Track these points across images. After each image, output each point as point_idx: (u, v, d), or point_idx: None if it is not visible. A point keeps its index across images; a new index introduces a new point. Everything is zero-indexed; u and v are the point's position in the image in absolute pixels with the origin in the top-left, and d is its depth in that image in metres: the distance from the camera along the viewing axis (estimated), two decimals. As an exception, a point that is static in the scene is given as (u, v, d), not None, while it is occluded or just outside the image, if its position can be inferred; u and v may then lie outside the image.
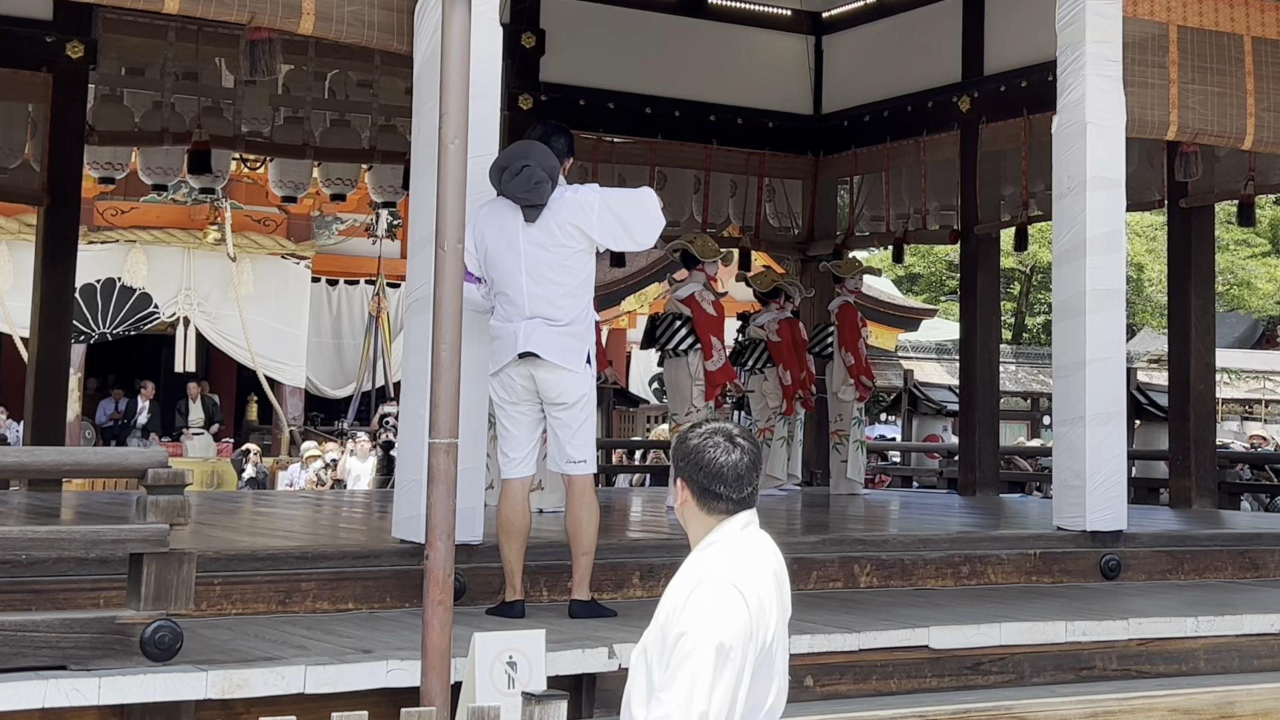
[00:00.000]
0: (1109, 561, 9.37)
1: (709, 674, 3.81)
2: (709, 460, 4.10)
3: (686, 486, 4.13)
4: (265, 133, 13.77)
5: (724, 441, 4.12)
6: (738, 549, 4.05)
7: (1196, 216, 13.76)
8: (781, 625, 4.07)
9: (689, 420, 11.73)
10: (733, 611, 3.88)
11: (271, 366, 24.51)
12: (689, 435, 4.18)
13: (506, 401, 7.36)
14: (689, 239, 12.36)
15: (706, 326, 11.75)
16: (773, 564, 4.09)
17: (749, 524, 4.14)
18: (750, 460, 4.13)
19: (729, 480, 4.09)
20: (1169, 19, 10.08)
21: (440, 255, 6.23)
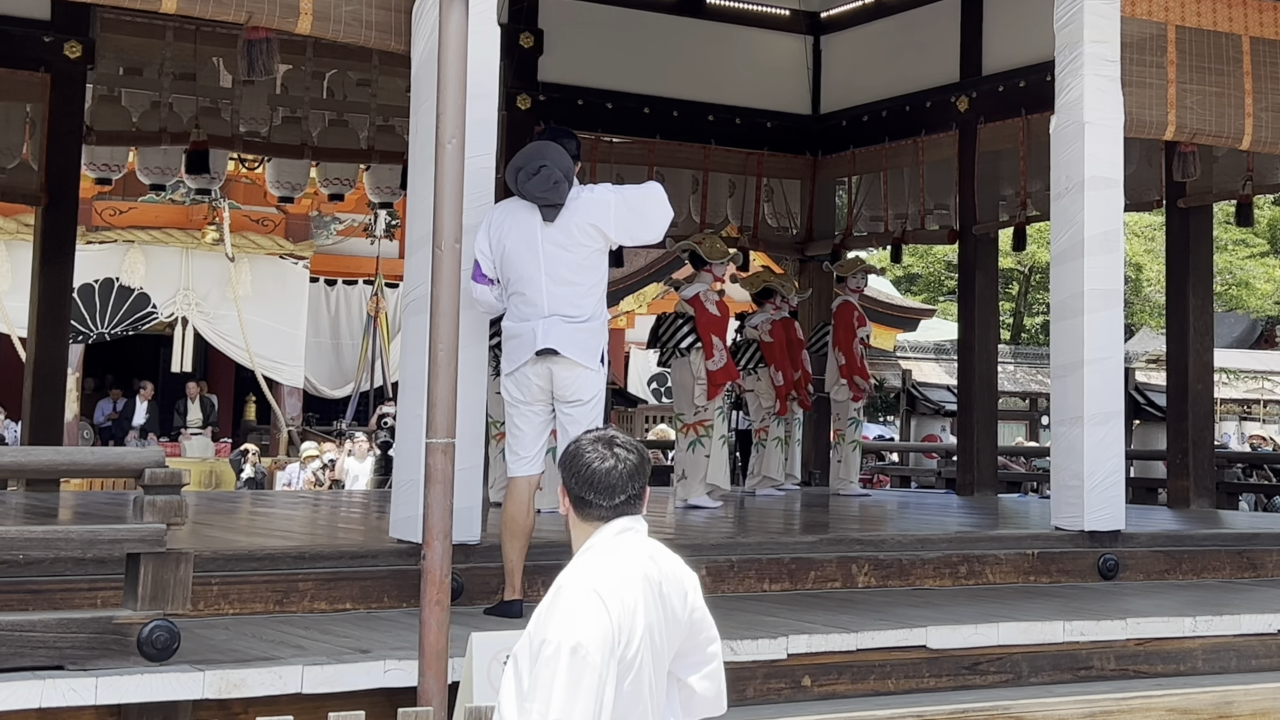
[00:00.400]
0: (1107, 561, 9.37)
1: (565, 678, 3.78)
2: (582, 467, 4.08)
3: (566, 493, 4.13)
4: (263, 133, 13.78)
5: (602, 449, 4.10)
6: (608, 555, 4.02)
7: (1195, 216, 13.76)
8: (663, 635, 4.00)
9: (696, 419, 11.77)
10: (593, 616, 3.85)
11: (270, 366, 24.50)
12: (576, 442, 4.17)
13: (520, 401, 7.38)
14: (697, 240, 12.41)
15: (709, 326, 11.80)
16: (649, 571, 4.02)
17: (625, 530, 4.08)
18: (628, 468, 4.09)
19: (599, 488, 4.06)
20: (1167, 19, 10.08)
21: (438, 255, 6.23)
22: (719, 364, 11.76)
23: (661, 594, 4.01)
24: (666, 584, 4.03)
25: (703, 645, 4.16)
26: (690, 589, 4.12)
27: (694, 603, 4.12)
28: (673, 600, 4.04)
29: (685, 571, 4.15)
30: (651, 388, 30.61)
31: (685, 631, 4.09)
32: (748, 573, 8.29)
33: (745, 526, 10.26)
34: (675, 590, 4.06)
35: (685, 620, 4.07)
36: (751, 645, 6.66)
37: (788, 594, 8.29)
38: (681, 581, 4.10)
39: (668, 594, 4.03)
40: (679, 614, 4.05)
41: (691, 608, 4.10)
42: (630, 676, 3.89)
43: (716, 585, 8.15)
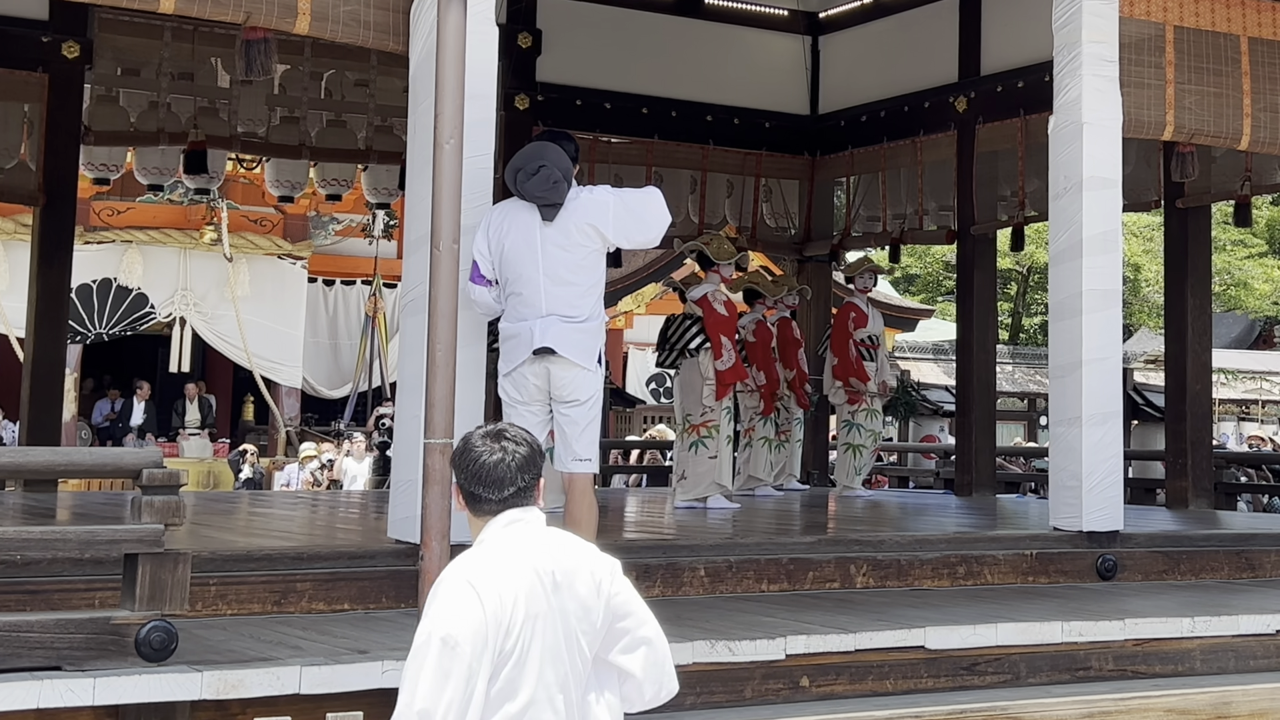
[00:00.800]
0: (1105, 562, 9.36)
1: (434, 669, 3.80)
2: (470, 461, 4.09)
3: (458, 490, 4.14)
4: (261, 133, 13.77)
5: (491, 443, 4.11)
6: (493, 547, 4.02)
7: (1193, 217, 13.76)
8: (564, 623, 3.99)
9: (703, 420, 11.78)
10: (465, 607, 3.85)
11: (268, 367, 24.50)
12: (465, 437, 4.18)
13: (518, 401, 7.38)
14: (704, 241, 12.42)
15: (717, 326, 11.82)
16: (540, 562, 4.00)
17: (514, 522, 4.08)
18: (518, 461, 4.10)
19: (487, 481, 4.07)
20: (1165, 19, 10.08)
21: (436, 255, 6.23)
22: (728, 364, 11.78)
23: (555, 583, 3.98)
24: (563, 573, 4.00)
25: (631, 628, 4.15)
26: (604, 576, 4.10)
27: (613, 588, 4.11)
28: (577, 588, 4.02)
29: (596, 559, 4.12)
30: (650, 388, 30.62)
31: (603, 617, 4.08)
32: (746, 573, 8.29)
33: (743, 527, 10.25)
34: (579, 579, 4.04)
35: (600, 606, 4.06)
36: (749, 646, 6.66)
37: (786, 594, 8.28)
38: (589, 570, 4.07)
39: (565, 583, 4.00)
40: (588, 601, 4.04)
41: (610, 594, 4.09)
42: (510, 666, 3.87)
43: (714, 586, 8.16)
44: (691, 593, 8.08)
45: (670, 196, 14.92)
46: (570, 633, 4.00)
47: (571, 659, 4.00)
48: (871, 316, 14.06)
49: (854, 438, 13.85)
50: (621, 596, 4.14)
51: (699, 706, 6.52)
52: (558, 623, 3.97)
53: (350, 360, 25.55)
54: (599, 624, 4.07)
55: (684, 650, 6.47)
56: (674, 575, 8.08)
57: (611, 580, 4.12)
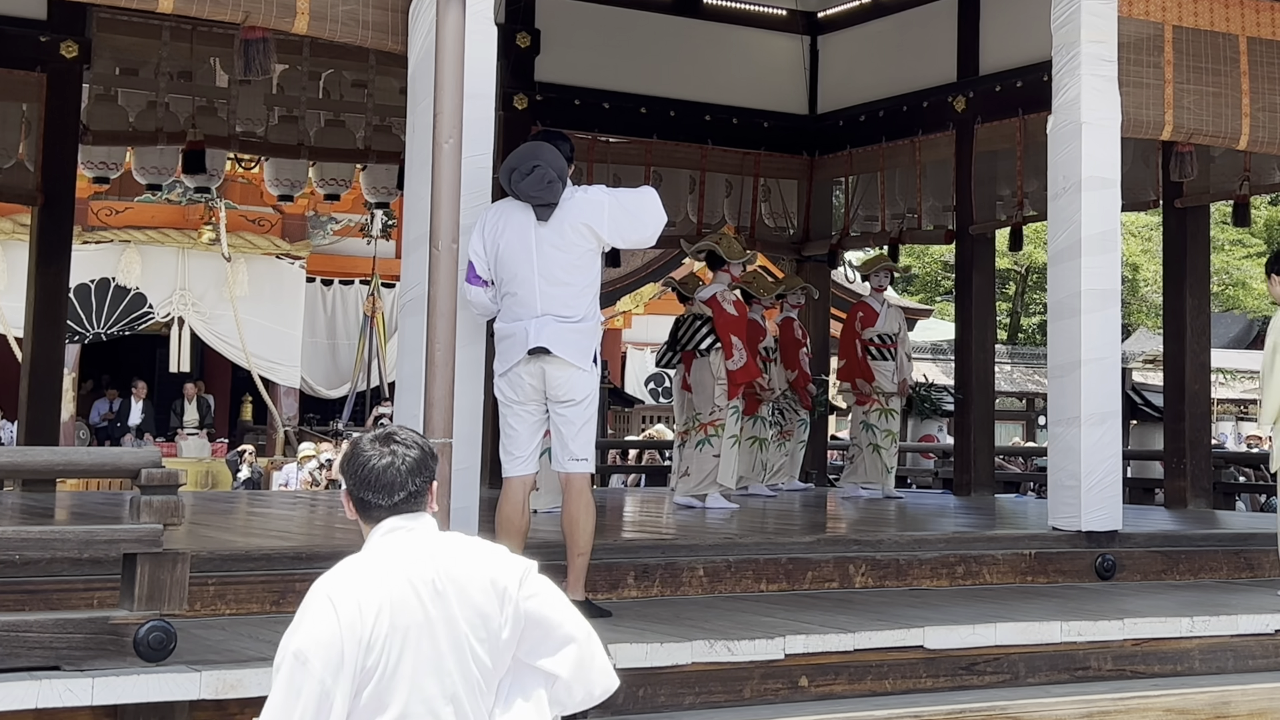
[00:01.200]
0: (1104, 562, 9.36)
1: (285, 686, 3.71)
2: (359, 466, 3.97)
3: (348, 496, 4.02)
4: (260, 132, 13.77)
5: (380, 447, 3.98)
6: (366, 557, 3.90)
7: (1192, 216, 13.75)
8: (453, 631, 3.85)
9: (711, 419, 11.79)
10: (318, 621, 3.75)
11: (266, 367, 24.50)
12: (354, 442, 4.06)
13: (514, 401, 7.36)
14: (715, 240, 12.40)
15: (727, 326, 11.84)
16: (418, 571, 3.86)
17: (394, 530, 3.95)
18: (408, 465, 3.96)
19: (376, 487, 3.94)
20: (1164, 19, 10.08)
21: (435, 255, 6.23)
22: (739, 364, 11.81)
23: (437, 591, 3.84)
24: (449, 580, 3.86)
25: (552, 630, 4.01)
26: (511, 581, 3.94)
27: (524, 592, 3.95)
28: (470, 595, 3.87)
29: (500, 565, 3.97)
30: (648, 388, 30.62)
31: (511, 624, 3.93)
32: (745, 573, 8.29)
33: (742, 527, 10.25)
34: (473, 585, 3.89)
35: (503, 613, 3.91)
36: (749, 646, 6.66)
37: (785, 594, 8.28)
38: (489, 576, 3.92)
39: (453, 590, 3.85)
40: (485, 608, 3.89)
41: (520, 599, 3.94)
42: (375, 680, 3.74)
43: (713, 585, 8.16)
44: (690, 592, 8.08)
45: (669, 196, 14.98)
46: (460, 642, 3.85)
47: (464, 669, 3.86)
48: (884, 315, 13.84)
49: (871, 438, 13.68)
50: (538, 599, 4.00)
51: (698, 706, 6.52)
52: (440, 632, 3.82)
53: (348, 360, 25.55)
54: (503, 631, 3.92)
55: (683, 650, 6.48)
56: (673, 575, 8.07)
57: (521, 584, 3.97)
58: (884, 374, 13.67)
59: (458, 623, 3.84)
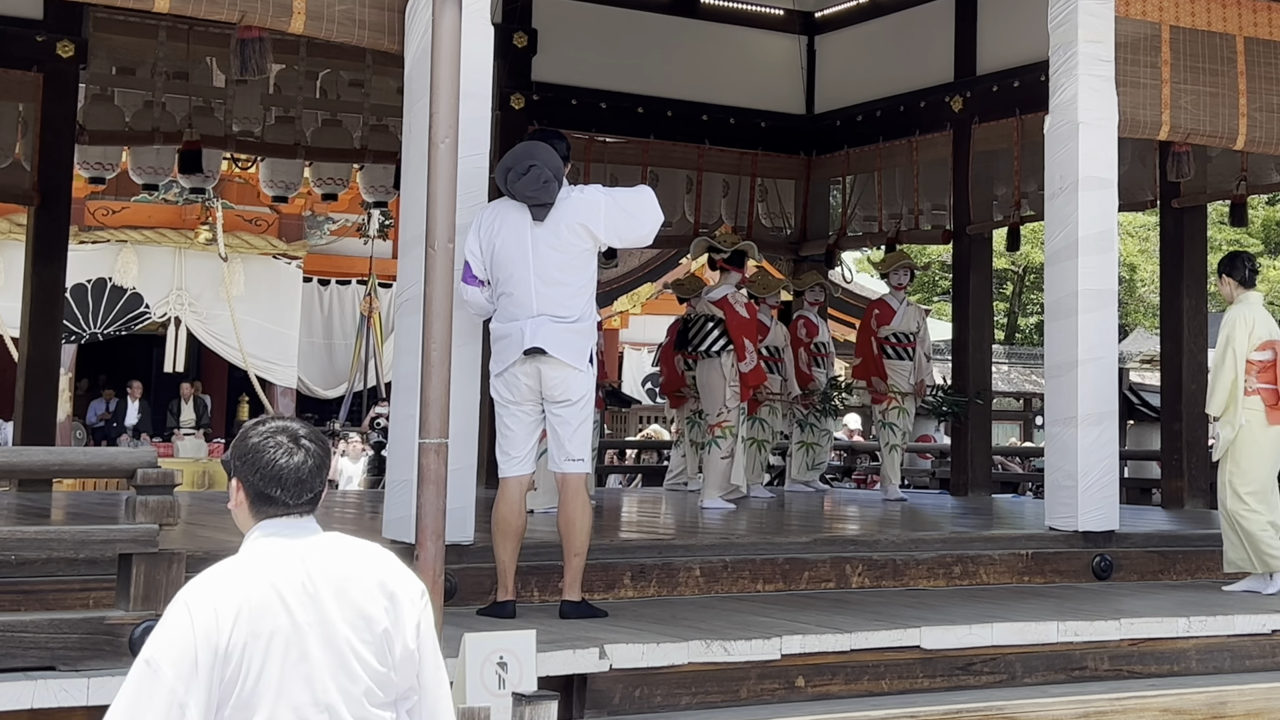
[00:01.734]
0: (1101, 562, 9.37)
1: (133, 693, 3.54)
2: (268, 462, 3.75)
3: (242, 488, 3.80)
4: (256, 132, 13.76)
5: (287, 442, 3.79)
6: (235, 561, 3.72)
7: (1189, 216, 13.75)
8: (329, 639, 3.64)
9: (719, 420, 11.77)
10: (172, 628, 3.58)
11: (263, 367, 24.47)
12: (250, 433, 3.83)
13: (510, 401, 7.35)
14: (732, 241, 12.38)
15: (739, 328, 11.81)
16: (288, 575, 3.67)
17: (273, 533, 3.75)
18: (315, 464, 3.80)
19: (285, 484, 3.75)
20: (1161, 19, 10.08)
21: (431, 255, 6.22)
22: (750, 366, 11.80)
23: (312, 595, 3.65)
24: (328, 583, 3.67)
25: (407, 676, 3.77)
26: (406, 589, 3.77)
27: (408, 619, 3.75)
28: (352, 597, 3.68)
29: (391, 570, 3.79)
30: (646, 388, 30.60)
31: (409, 631, 3.75)
32: (741, 573, 8.29)
33: (738, 527, 10.24)
34: (355, 587, 3.70)
35: (391, 616, 3.72)
36: (745, 646, 6.65)
37: (781, 594, 8.28)
38: (376, 578, 3.74)
39: (332, 593, 3.67)
40: (368, 610, 3.69)
41: (411, 623, 3.75)
42: (238, 689, 3.56)
43: (710, 585, 8.16)
44: (687, 593, 8.08)
45: (666, 196, 14.96)
46: (339, 646, 3.65)
47: (346, 675, 3.66)
48: (902, 313, 13.75)
49: (889, 437, 13.59)
50: (418, 642, 3.78)
51: (694, 707, 6.51)
52: (311, 638, 3.63)
53: (345, 360, 25.53)
54: (394, 636, 3.72)
55: (679, 650, 6.48)
56: (669, 575, 8.07)
57: (403, 608, 3.74)
58: (900, 373, 13.59)
59: (335, 626, 3.66)
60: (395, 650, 3.72)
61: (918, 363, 13.70)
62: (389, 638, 3.70)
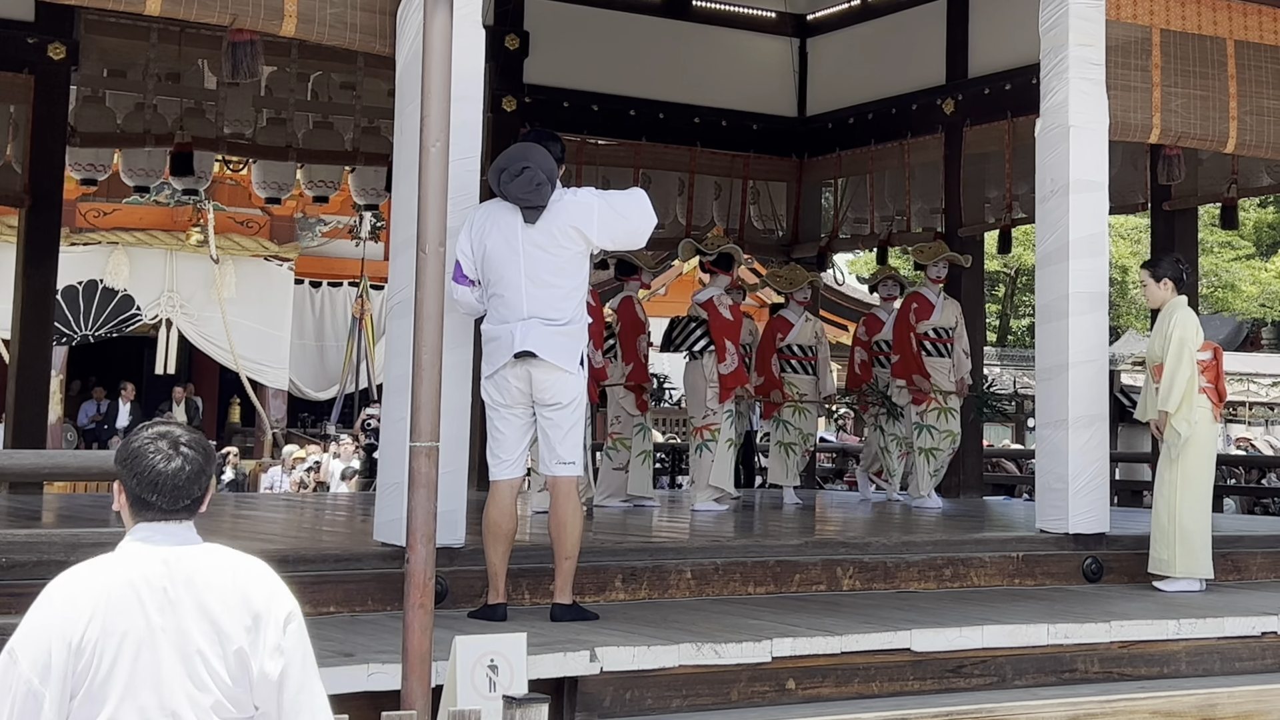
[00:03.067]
0: (1092, 564, 9.38)
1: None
2: (146, 467, 3.77)
3: (123, 490, 3.81)
4: (248, 134, 13.77)
5: (166, 448, 3.79)
6: (107, 557, 3.73)
7: (1180, 219, 13.78)
8: (147, 647, 3.60)
9: (704, 423, 11.75)
10: (33, 620, 3.61)
11: (254, 369, 24.46)
12: (134, 436, 3.85)
13: (500, 404, 7.35)
14: (718, 243, 12.35)
15: (721, 330, 11.74)
16: (146, 574, 3.67)
17: (150, 536, 3.75)
18: (197, 468, 3.81)
19: (162, 490, 3.76)
20: (1152, 22, 10.09)
21: (422, 258, 6.21)
22: (730, 368, 11.69)
23: (170, 600, 3.65)
24: (188, 590, 3.67)
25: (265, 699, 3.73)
26: (273, 609, 3.75)
27: (268, 642, 3.72)
28: (207, 606, 3.67)
29: (262, 587, 3.78)
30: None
31: (265, 649, 3.71)
32: (732, 575, 8.29)
33: (729, 530, 10.25)
34: (213, 596, 3.69)
35: (252, 636, 3.70)
36: (736, 648, 6.65)
37: (772, 597, 8.28)
38: (241, 592, 3.73)
39: (188, 601, 3.66)
40: (223, 622, 3.68)
41: (271, 646, 3.72)
42: (87, 685, 3.57)
43: (701, 588, 8.16)
44: (678, 595, 8.07)
45: (658, 199, 14.95)
46: (190, 656, 3.64)
47: (195, 685, 3.64)
48: (940, 307, 13.04)
49: (926, 440, 12.87)
50: (283, 653, 3.74)
51: (685, 709, 6.52)
52: (164, 643, 3.62)
53: (337, 362, 25.52)
54: (249, 658, 3.69)
55: (670, 652, 6.48)
56: (660, 578, 8.07)
57: (265, 625, 3.72)
58: (940, 370, 12.90)
59: (189, 635, 3.65)
60: (251, 671, 3.70)
61: (956, 359, 13.08)
62: (243, 657, 3.69)
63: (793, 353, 13.23)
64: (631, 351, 11.88)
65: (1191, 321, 9.25)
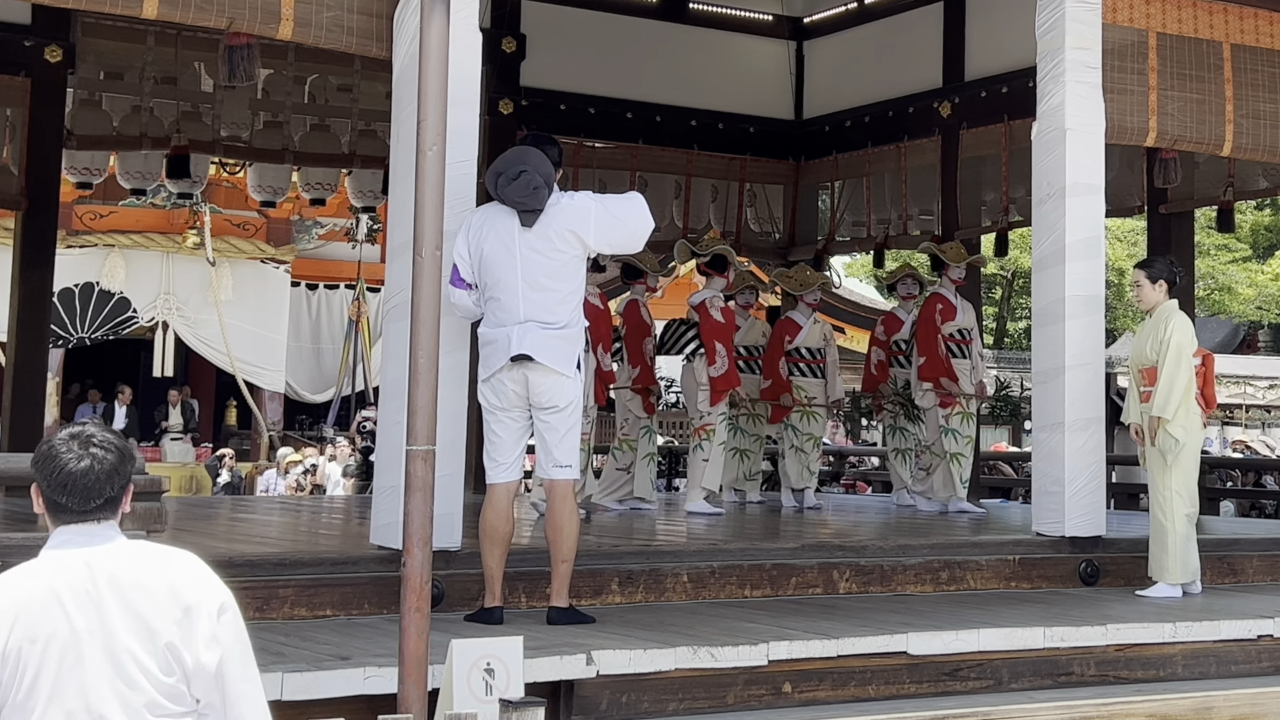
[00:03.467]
0: (1088, 567, 9.38)
1: None
2: (56, 469, 3.72)
3: (39, 493, 3.77)
4: (244, 137, 13.74)
5: (77, 448, 3.75)
6: (28, 564, 3.71)
7: (1176, 222, 13.79)
8: (74, 649, 3.60)
9: (701, 424, 11.80)
10: None
11: (250, 371, 24.48)
12: (48, 439, 3.81)
13: (497, 407, 7.35)
14: (709, 244, 12.33)
15: (712, 333, 11.74)
16: (70, 579, 3.64)
17: (69, 539, 3.72)
18: (106, 469, 3.75)
19: (72, 491, 3.71)
20: (1148, 26, 10.10)
21: (418, 262, 6.21)
22: (720, 370, 11.70)
23: (92, 601, 3.62)
24: (114, 590, 3.64)
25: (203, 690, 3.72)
26: (203, 599, 3.72)
27: (201, 632, 3.70)
28: (136, 607, 3.65)
29: (189, 579, 3.75)
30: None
31: (201, 643, 3.70)
32: (729, 579, 8.29)
33: (726, 533, 10.25)
34: (142, 596, 3.66)
35: (183, 628, 3.68)
36: (732, 652, 6.66)
37: (769, 600, 8.28)
38: (169, 589, 3.69)
39: (115, 602, 3.64)
40: (152, 621, 3.65)
41: (204, 635, 3.70)
42: (10, 700, 3.55)
43: (698, 591, 8.16)
44: (675, 598, 8.08)
45: (654, 201, 14.91)
46: (119, 655, 3.62)
47: (126, 685, 3.62)
48: (961, 309, 12.75)
49: (951, 445, 12.51)
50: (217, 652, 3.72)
51: (681, 712, 6.52)
52: (89, 645, 3.60)
53: (333, 364, 25.53)
54: (182, 649, 3.67)
55: (666, 656, 6.48)
56: (657, 581, 8.07)
57: (199, 620, 3.70)
58: (963, 373, 12.61)
59: (116, 634, 3.63)
60: (185, 663, 3.68)
61: (975, 362, 12.83)
62: (174, 650, 3.67)
63: (801, 355, 13.04)
64: (638, 354, 11.83)
65: (1188, 327, 9.26)
